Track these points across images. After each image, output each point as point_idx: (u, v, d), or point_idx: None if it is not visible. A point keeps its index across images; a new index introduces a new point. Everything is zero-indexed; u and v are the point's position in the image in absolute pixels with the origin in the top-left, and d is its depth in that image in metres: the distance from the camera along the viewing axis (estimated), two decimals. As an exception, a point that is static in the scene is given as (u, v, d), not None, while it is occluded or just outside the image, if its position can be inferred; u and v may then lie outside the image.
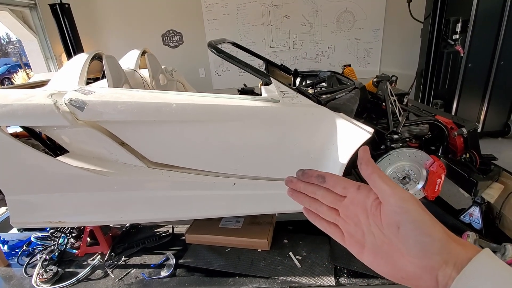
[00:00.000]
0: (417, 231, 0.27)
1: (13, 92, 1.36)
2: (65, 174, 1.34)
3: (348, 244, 0.34)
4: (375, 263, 0.31)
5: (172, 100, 1.28)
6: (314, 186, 0.36)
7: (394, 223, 0.28)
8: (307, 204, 0.37)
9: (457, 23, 2.70)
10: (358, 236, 0.33)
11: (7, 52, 19.46)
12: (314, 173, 0.36)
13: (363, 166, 0.31)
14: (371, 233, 0.31)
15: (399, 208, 0.28)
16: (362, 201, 0.32)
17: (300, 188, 0.37)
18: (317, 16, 3.31)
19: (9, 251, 1.74)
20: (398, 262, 0.29)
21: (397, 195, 0.29)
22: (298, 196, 0.38)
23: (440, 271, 0.26)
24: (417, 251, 0.27)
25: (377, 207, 0.31)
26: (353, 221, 0.33)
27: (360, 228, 0.32)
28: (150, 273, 1.46)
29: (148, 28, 3.64)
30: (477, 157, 1.52)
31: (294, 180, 0.38)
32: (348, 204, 0.34)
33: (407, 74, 3.30)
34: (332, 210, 0.35)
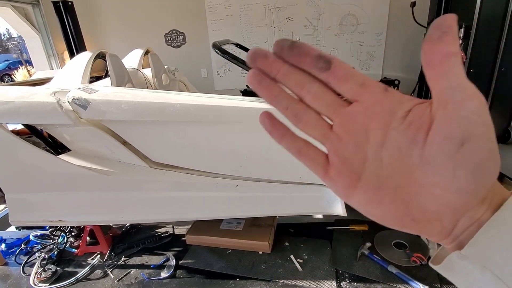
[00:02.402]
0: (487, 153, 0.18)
1: (15, 89, 1.35)
2: (66, 172, 1.33)
3: (334, 174, 0.22)
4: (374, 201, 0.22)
5: (176, 100, 1.28)
6: (305, 75, 0.21)
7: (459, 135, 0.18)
8: (281, 104, 0.22)
9: (460, 29, 2.71)
10: (355, 163, 0.22)
11: (7, 49, 19.43)
12: (313, 51, 0.21)
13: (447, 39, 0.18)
14: (378, 159, 0.21)
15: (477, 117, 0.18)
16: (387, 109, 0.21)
17: (279, 72, 0.21)
18: (320, 19, 3.31)
19: (7, 250, 1.72)
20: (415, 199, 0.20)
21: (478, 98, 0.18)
22: (270, 87, 0.22)
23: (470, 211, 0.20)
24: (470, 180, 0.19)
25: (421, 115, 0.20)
26: (355, 139, 0.22)
27: (363, 151, 0.22)
28: (150, 274, 1.45)
29: (150, 27, 3.63)
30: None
31: (270, 56, 0.21)
32: (357, 112, 0.21)
33: (409, 78, 3.30)
34: (321, 121, 0.23)
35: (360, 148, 0.21)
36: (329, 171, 0.23)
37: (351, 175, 0.22)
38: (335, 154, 0.22)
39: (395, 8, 3.18)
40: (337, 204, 1.32)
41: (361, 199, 0.22)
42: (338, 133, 0.22)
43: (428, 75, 0.19)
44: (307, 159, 0.23)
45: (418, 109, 0.20)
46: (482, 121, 0.18)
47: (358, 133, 0.21)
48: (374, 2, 3.17)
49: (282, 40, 0.21)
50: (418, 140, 0.19)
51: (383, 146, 0.21)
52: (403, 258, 1.37)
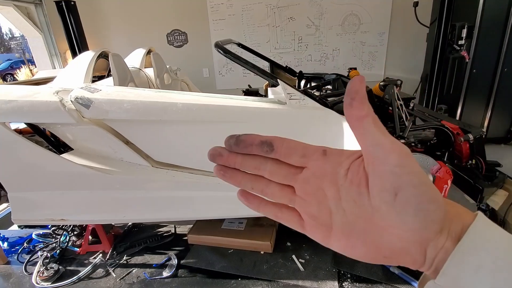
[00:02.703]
0: (421, 197, 0.21)
1: (18, 88, 1.36)
2: (69, 171, 1.33)
3: (310, 229, 0.26)
4: (348, 247, 0.25)
5: (178, 100, 1.28)
6: (258, 159, 0.26)
7: (391, 188, 0.21)
8: (247, 186, 0.27)
9: (463, 29, 2.70)
10: (323, 217, 0.25)
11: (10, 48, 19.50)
12: (255, 140, 0.25)
13: (355, 104, 0.21)
14: (341, 210, 0.24)
15: (400, 169, 0.21)
16: (331, 171, 0.24)
17: (236, 163, 0.26)
18: (322, 19, 3.31)
19: (9, 248, 1.73)
20: (381, 239, 0.23)
21: (397, 151, 0.21)
22: (233, 176, 0.26)
23: (433, 242, 0.22)
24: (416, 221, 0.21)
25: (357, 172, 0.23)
26: (315, 198, 0.25)
27: (326, 206, 0.25)
28: (151, 273, 1.45)
29: (153, 27, 3.64)
30: (483, 163, 1.52)
31: (224, 152, 0.26)
32: (308, 177, 0.25)
33: (411, 79, 3.29)
34: (284, 189, 0.26)
35: (323, 204, 0.25)
36: (305, 227, 0.26)
37: (322, 228, 0.25)
38: (304, 213, 0.26)
39: (397, 8, 3.17)
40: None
41: (338, 245, 0.25)
42: (301, 196, 0.26)
43: (354, 134, 0.22)
44: (283, 221, 0.27)
45: (354, 167, 0.23)
46: (407, 171, 0.21)
47: (316, 193, 0.25)
48: (376, 2, 3.17)
49: (228, 138, 0.25)
50: (362, 193, 0.23)
51: (340, 199, 0.24)
52: (405, 259, 1.37)
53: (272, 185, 0.26)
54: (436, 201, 0.21)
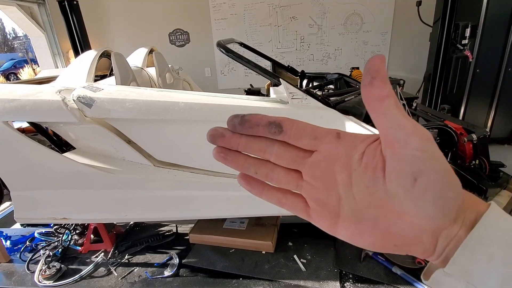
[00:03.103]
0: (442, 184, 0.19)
1: (21, 87, 1.36)
2: (71, 170, 1.34)
3: (316, 216, 0.25)
4: (356, 234, 0.23)
5: (180, 99, 1.28)
6: (264, 141, 0.24)
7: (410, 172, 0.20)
8: (251, 170, 0.25)
9: (466, 28, 2.68)
10: (331, 204, 0.24)
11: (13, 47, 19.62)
12: (262, 120, 0.23)
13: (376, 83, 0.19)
14: (351, 196, 0.23)
15: (421, 153, 0.19)
16: (344, 154, 0.23)
17: (240, 145, 0.24)
18: (324, 18, 3.30)
19: (12, 247, 1.73)
20: (393, 227, 0.22)
21: (419, 135, 0.19)
22: (235, 159, 0.24)
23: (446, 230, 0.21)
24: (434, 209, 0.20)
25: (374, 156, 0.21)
26: (325, 184, 0.23)
27: (335, 192, 0.23)
28: (153, 272, 1.45)
29: (155, 26, 3.64)
30: (487, 164, 1.50)
31: (226, 133, 0.24)
32: (319, 161, 0.23)
33: (414, 78, 3.27)
34: (291, 174, 0.24)
35: (332, 190, 0.23)
36: (311, 214, 0.25)
37: (329, 215, 0.24)
38: (311, 199, 0.24)
39: (400, 7, 3.16)
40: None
41: (345, 234, 0.24)
42: (308, 181, 0.24)
43: (371, 116, 0.21)
44: (288, 207, 0.25)
45: (370, 150, 0.22)
46: (429, 156, 0.19)
47: (326, 178, 0.23)
48: (379, 1, 3.15)
49: (232, 118, 0.23)
50: (378, 178, 0.21)
51: (351, 185, 0.23)
52: (408, 259, 1.36)
53: (277, 170, 0.25)
54: (456, 189, 0.20)
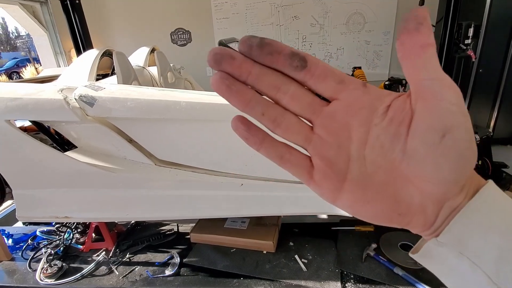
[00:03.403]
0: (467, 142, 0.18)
1: (23, 86, 1.36)
2: (72, 169, 1.34)
3: (319, 178, 0.22)
4: (359, 202, 0.21)
5: (182, 98, 1.27)
6: (280, 76, 0.20)
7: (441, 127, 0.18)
8: (258, 109, 0.21)
9: (469, 28, 2.66)
10: (339, 164, 0.21)
11: (15, 46, 19.70)
12: (285, 49, 0.19)
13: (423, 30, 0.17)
14: (362, 157, 0.21)
15: (456, 107, 0.18)
16: (368, 104, 0.20)
17: (251, 74, 0.19)
18: (327, 17, 3.29)
19: (14, 245, 1.74)
20: (401, 193, 0.20)
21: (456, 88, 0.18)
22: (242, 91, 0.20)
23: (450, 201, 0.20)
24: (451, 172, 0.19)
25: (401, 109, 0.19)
26: (338, 139, 0.21)
27: (346, 151, 0.21)
28: (154, 271, 1.45)
29: (157, 26, 3.64)
30: (490, 164, 1.50)
31: (238, 56, 0.19)
32: (338, 111, 0.20)
33: (416, 78, 3.26)
34: (302, 124, 0.21)
35: (344, 148, 0.21)
36: (314, 176, 0.22)
37: (336, 177, 0.21)
38: (319, 157, 0.21)
39: (403, 7, 3.14)
40: (342, 204, 1.30)
41: (348, 200, 0.21)
42: (320, 134, 0.21)
43: (405, 66, 0.18)
44: (291, 165, 0.22)
45: (397, 103, 0.20)
46: (462, 112, 0.18)
47: (340, 133, 0.21)
48: (381, 1, 3.14)
49: (249, 38, 0.19)
50: (400, 134, 0.19)
51: (366, 143, 0.20)
52: (410, 260, 1.35)
53: (288, 115, 0.21)
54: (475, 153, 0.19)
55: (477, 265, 0.19)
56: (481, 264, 0.19)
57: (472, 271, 0.20)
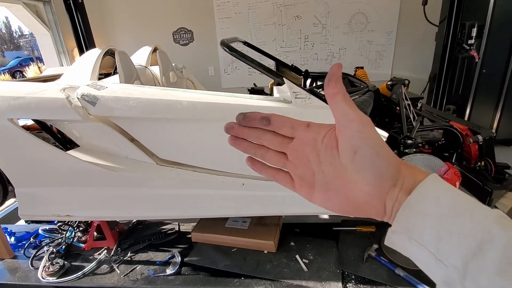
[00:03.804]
0: (374, 155, 0.27)
1: (25, 85, 1.37)
2: (74, 168, 1.34)
3: (298, 188, 0.33)
4: (326, 201, 0.31)
5: (183, 98, 1.27)
6: (259, 131, 0.33)
7: (351, 148, 0.27)
8: (251, 152, 0.35)
9: (473, 28, 2.65)
10: (308, 177, 0.32)
11: (19, 45, 19.80)
12: (257, 116, 0.32)
13: (331, 84, 0.28)
14: (321, 171, 0.31)
15: (359, 133, 0.27)
16: (312, 139, 0.31)
17: (243, 134, 0.34)
18: (329, 17, 3.28)
19: (16, 243, 1.75)
20: (350, 193, 0.29)
21: (359, 120, 0.27)
22: (241, 144, 0.34)
23: (388, 194, 0.27)
24: (371, 176, 0.27)
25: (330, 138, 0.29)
26: (302, 162, 0.32)
27: (310, 169, 0.31)
28: (155, 270, 1.46)
29: (159, 25, 3.65)
30: (492, 165, 1.48)
31: (235, 126, 0.34)
32: (296, 145, 0.32)
33: (419, 78, 3.25)
34: (279, 155, 0.33)
35: (307, 167, 0.31)
36: (295, 186, 0.33)
37: (307, 187, 0.32)
38: (294, 174, 0.33)
39: (406, 6, 3.13)
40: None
41: (319, 200, 0.32)
42: (291, 160, 0.33)
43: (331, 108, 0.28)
44: (279, 181, 0.35)
45: (329, 134, 0.30)
46: (365, 136, 0.27)
47: (302, 158, 0.32)
48: (384, 1, 3.13)
49: (238, 115, 0.33)
50: (334, 155, 0.29)
51: (320, 162, 0.30)
52: (411, 261, 1.34)
53: (270, 152, 0.34)
54: (387, 160, 0.27)
55: (423, 246, 0.25)
56: (425, 244, 0.25)
57: (421, 251, 0.25)
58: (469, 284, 0.22)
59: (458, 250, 0.23)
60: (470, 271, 0.22)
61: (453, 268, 0.23)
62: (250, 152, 0.35)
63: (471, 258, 0.22)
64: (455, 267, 0.23)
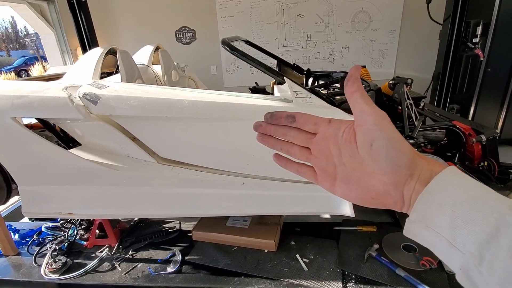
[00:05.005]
0: (389, 146, 0.28)
1: (29, 84, 1.38)
2: (76, 166, 1.36)
3: (321, 180, 0.36)
4: (347, 191, 0.33)
5: (184, 97, 1.28)
6: (285, 128, 0.36)
7: (368, 140, 0.29)
8: (278, 147, 0.37)
9: (478, 26, 2.61)
10: (330, 170, 0.34)
11: (24, 45, 20.00)
12: (283, 114, 0.36)
13: (349, 83, 0.31)
14: (342, 164, 0.33)
15: (374, 126, 0.29)
16: (333, 133, 0.33)
17: (270, 131, 0.37)
18: (332, 16, 3.26)
19: (20, 240, 1.77)
20: (368, 184, 0.31)
21: (374, 114, 0.29)
22: (268, 140, 0.38)
23: (406, 185, 0.28)
24: (387, 166, 0.29)
25: (349, 132, 0.32)
26: (324, 155, 0.34)
27: (332, 162, 0.34)
28: (156, 268, 1.46)
29: (161, 24, 3.66)
30: (496, 165, 1.47)
31: (263, 124, 0.37)
32: (319, 140, 0.34)
33: (422, 77, 3.22)
34: (303, 150, 0.36)
35: (330, 160, 0.34)
36: (318, 178, 0.36)
37: (329, 179, 0.35)
38: (317, 167, 0.36)
39: (409, 5, 3.10)
40: (345, 204, 1.30)
41: (340, 191, 0.34)
42: (314, 154, 0.36)
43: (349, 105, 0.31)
44: (303, 174, 0.38)
45: (348, 129, 0.32)
46: (379, 128, 0.29)
47: (325, 151, 0.34)
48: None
49: (265, 114, 0.37)
50: (353, 148, 0.31)
51: (341, 156, 0.33)
52: (412, 261, 1.34)
53: (294, 147, 0.37)
54: (401, 150, 0.29)
55: (440, 234, 0.26)
56: (442, 232, 0.26)
57: (438, 240, 0.26)
58: (485, 269, 0.23)
59: (474, 237, 0.24)
60: (485, 257, 0.23)
61: (469, 254, 0.24)
62: (277, 148, 0.38)
63: (486, 244, 0.23)
64: (471, 253, 0.24)
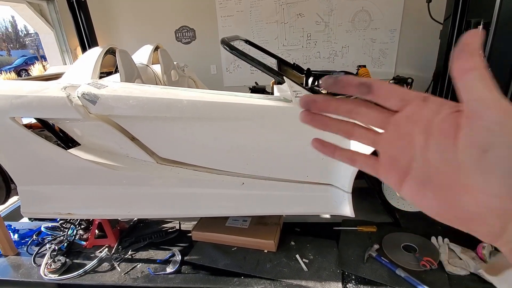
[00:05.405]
0: None
1: (28, 83, 1.38)
2: (76, 166, 1.35)
3: (385, 171, 0.27)
4: (419, 196, 0.25)
5: (184, 97, 1.27)
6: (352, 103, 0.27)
7: (480, 143, 0.20)
8: (334, 128, 0.28)
9: (479, 25, 2.60)
10: (403, 162, 0.25)
11: (24, 44, 20.00)
12: (353, 81, 0.25)
13: (463, 56, 0.20)
14: (425, 159, 0.24)
15: (497, 126, 0.19)
16: (426, 117, 0.23)
17: (330, 107, 0.27)
18: (332, 15, 3.25)
19: (19, 240, 1.77)
20: (457, 198, 0.22)
21: (500, 108, 0.19)
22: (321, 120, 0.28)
23: None
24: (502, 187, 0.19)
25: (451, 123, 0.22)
26: (402, 142, 0.25)
27: (409, 152, 0.25)
28: (155, 269, 1.46)
29: (161, 23, 3.65)
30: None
31: (319, 99, 0.27)
32: (401, 120, 0.25)
33: (423, 77, 3.20)
34: (369, 131, 0.27)
35: (407, 150, 0.25)
36: (379, 169, 0.27)
37: (398, 171, 0.25)
38: (386, 155, 0.26)
39: (410, 4, 3.09)
40: (345, 204, 1.29)
41: (408, 192, 0.25)
42: (387, 137, 0.26)
43: (458, 87, 0.21)
44: (359, 163, 0.28)
45: (451, 118, 0.22)
46: (506, 131, 0.19)
47: (404, 137, 0.25)
48: (388, -2, 3.09)
49: (326, 78, 0.26)
50: (450, 146, 0.22)
51: (427, 148, 0.23)
52: (412, 262, 1.33)
53: (358, 127, 0.28)
54: None
55: None
56: None
57: None
58: None
59: None
60: None
61: None
62: (332, 129, 0.28)
63: None
64: None
